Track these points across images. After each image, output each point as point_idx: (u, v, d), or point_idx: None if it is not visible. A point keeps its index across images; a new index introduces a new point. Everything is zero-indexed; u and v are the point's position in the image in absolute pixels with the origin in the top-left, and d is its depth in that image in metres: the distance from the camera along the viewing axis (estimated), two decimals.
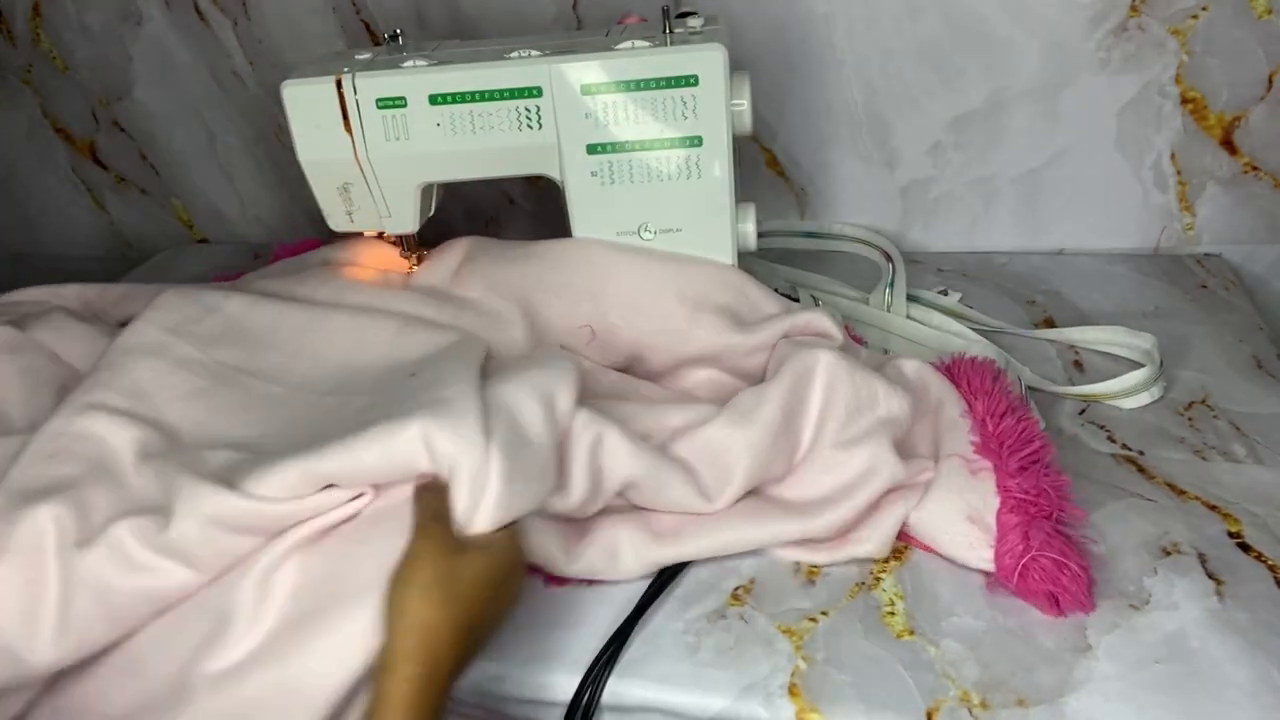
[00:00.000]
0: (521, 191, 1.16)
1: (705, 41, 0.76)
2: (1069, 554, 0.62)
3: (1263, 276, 0.99)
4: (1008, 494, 0.66)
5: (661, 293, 0.81)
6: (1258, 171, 0.94)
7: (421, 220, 0.88)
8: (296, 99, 0.82)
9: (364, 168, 0.83)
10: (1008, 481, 0.66)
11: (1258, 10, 0.87)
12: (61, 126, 1.30)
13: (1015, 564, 0.63)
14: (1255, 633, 0.59)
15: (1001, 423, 0.70)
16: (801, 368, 0.71)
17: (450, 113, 0.80)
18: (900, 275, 0.97)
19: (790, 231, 1.09)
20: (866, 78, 0.99)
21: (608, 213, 0.83)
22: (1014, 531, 0.64)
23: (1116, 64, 0.92)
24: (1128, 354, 0.86)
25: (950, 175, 1.02)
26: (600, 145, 0.80)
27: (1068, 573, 0.62)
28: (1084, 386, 0.82)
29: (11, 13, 1.21)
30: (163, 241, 1.35)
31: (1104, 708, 0.56)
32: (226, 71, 1.17)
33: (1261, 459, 0.73)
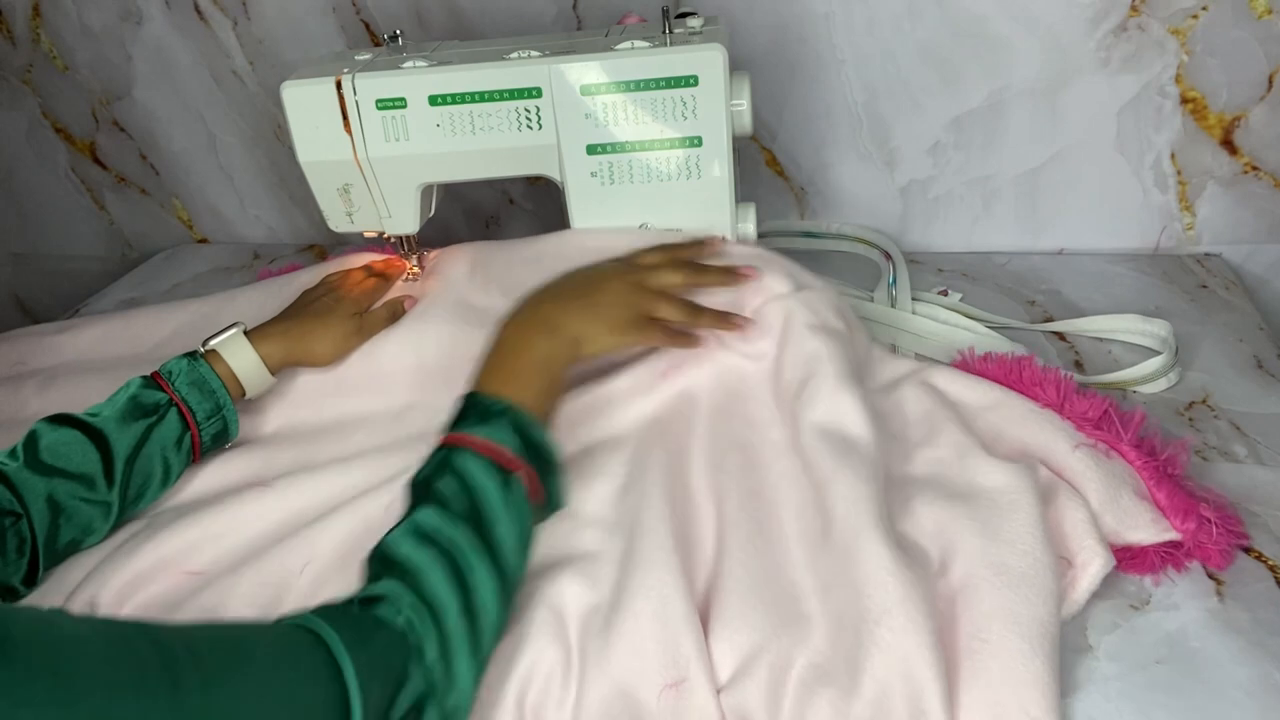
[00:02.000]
0: (521, 191, 1.16)
1: (705, 42, 0.76)
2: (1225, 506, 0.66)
3: (1263, 276, 0.99)
4: (1152, 465, 0.67)
5: None
6: (1258, 171, 0.94)
7: (422, 221, 0.88)
8: (296, 99, 0.81)
9: (364, 168, 0.83)
10: (1142, 455, 0.67)
11: (1258, 10, 0.87)
12: (61, 126, 1.30)
13: (1196, 525, 0.64)
14: (1255, 633, 0.59)
15: (1088, 403, 0.70)
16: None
17: (450, 113, 0.80)
18: (903, 273, 0.97)
19: (790, 231, 1.09)
20: (866, 78, 0.99)
21: (608, 213, 0.83)
22: (1178, 497, 0.65)
23: (1116, 64, 0.92)
24: (1142, 340, 0.86)
25: (950, 175, 1.02)
26: (600, 145, 0.80)
27: (1229, 522, 0.65)
28: (1100, 375, 0.82)
29: (11, 13, 1.21)
30: (163, 241, 1.35)
31: (1104, 708, 0.56)
32: (226, 71, 1.17)
33: (1262, 459, 0.73)
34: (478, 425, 0.61)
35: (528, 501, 0.60)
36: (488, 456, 0.59)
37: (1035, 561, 0.59)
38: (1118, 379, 0.82)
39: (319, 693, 0.45)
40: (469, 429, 0.61)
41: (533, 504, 0.60)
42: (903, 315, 0.92)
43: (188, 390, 0.74)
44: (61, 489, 0.67)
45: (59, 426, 0.69)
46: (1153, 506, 0.65)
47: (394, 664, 0.49)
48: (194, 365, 0.75)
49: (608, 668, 0.58)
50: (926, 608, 0.57)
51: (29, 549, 0.66)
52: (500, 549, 0.57)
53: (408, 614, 0.51)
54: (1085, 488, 0.65)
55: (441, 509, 0.57)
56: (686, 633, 0.58)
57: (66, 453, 0.68)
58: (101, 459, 0.69)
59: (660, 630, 0.58)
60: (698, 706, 0.57)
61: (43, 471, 0.67)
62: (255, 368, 0.78)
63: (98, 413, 0.71)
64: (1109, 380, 0.82)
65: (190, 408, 0.74)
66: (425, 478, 0.59)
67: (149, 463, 0.72)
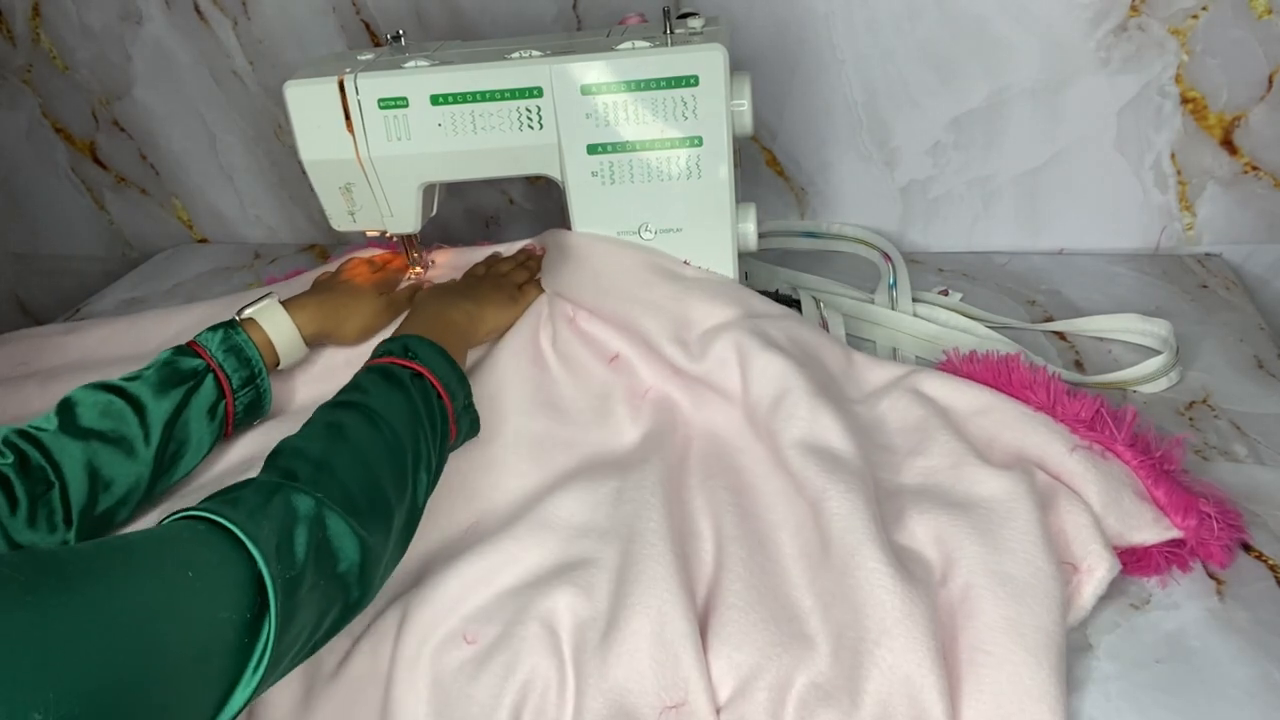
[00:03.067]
0: (521, 191, 1.16)
1: (705, 42, 0.76)
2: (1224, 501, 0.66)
3: (1263, 276, 0.99)
4: (1148, 464, 0.67)
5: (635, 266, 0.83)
6: (1258, 171, 0.94)
7: (424, 220, 0.89)
8: (299, 99, 0.81)
9: (365, 167, 0.83)
10: (1137, 454, 0.67)
11: (1258, 10, 0.87)
12: (61, 126, 1.30)
13: (1197, 522, 0.64)
14: (1255, 632, 0.59)
15: (1079, 405, 0.70)
16: None
17: (451, 113, 0.80)
18: (903, 274, 0.97)
19: (790, 231, 1.09)
20: (866, 78, 0.99)
21: (608, 213, 0.83)
22: (1177, 495, 0.65)
23: (1116, 64, 0.92)
24: (1142, 340, 0.86)
25: (950, 175, 1.02)
26: (601, 145, 0.80)
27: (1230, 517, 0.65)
28: (1101, 375, 0.82)
29: (11, 13, 1.21)
30: (163, 241, 1.35)
31: (1105, 707, 0.56)
32: (226, 71, 1.17)
33: (1262, 459, 0.73)
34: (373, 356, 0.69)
35: (411, 382, 0.65)
36: (381, 363, 0.67)
37: (1037, 570, 0.59)
38: (1118, 379, 0.82)
39: (210, 553, 0.46)
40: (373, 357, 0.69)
41: (443, 402, 0.67)
42: (902, 317, 0.92)
43: (224, 356, 0.75)
44: (101, 455, 0.67)
45: (97, 391, 0.69)
46: (1153, 506, 0.65)
47: (271, 504, 0.51)
48: (230, 333, 0.76)
49: (606, 686, 0.58)
50: (928, 625, 0.56)
51: (62, 520, 0.64)
52: (369, 404, 0.62)
53: (265, 474, 0.55)
54: (1085, 491, 0.65)
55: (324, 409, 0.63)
56: (686, 652, 0.58)
57: (105, 417, 0.68)
58: (140, 424, 0.69)
59: (660, 650, 0.58)
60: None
61: (80, 435, 0.66)
62: (291, 336, 0.79)
63: (135, 377, 0.71)
64: (1109, 380, 0.82)
65: (226, 374, 0.75)
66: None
67: (185, 429, 0.72)
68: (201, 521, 0.48)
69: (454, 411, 0.68)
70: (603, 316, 0.82)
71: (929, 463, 0.69)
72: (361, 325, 0.85)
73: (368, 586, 0.55)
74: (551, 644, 0.60)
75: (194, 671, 0.42)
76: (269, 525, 0.49)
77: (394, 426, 0.61)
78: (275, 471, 0.55)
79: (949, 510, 0.64)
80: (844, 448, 0.68)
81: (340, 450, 0.58)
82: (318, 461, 0.56)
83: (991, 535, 0.61)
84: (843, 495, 0.63)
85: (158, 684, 0.40)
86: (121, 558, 0.42)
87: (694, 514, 0.68)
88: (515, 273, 0.88)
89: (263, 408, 0.78)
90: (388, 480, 0.59)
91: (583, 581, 0.62)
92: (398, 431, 0.61)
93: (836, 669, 0.58)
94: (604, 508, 0.68)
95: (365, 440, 0.60)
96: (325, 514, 0.53)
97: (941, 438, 0.70)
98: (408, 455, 0.61)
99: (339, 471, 0.56)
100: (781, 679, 0.57)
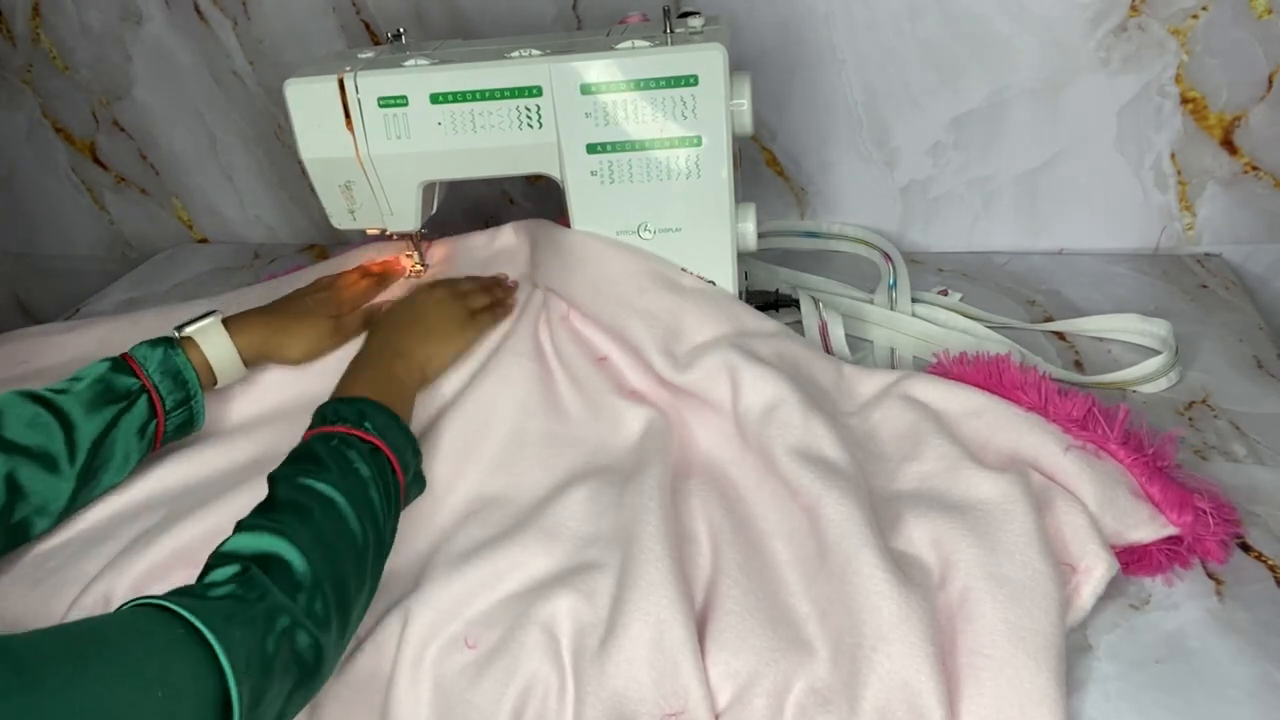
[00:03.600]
0: (521, 190, 1.16)
1: (705, 41, 0.76)
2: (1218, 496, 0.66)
3: (1263, 276, 0.99)
4: (1142, 461, 0.67)
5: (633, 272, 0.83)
6: (1258, 171, 0.94)
7: (424, 218, 0.89)
8: (299, 97, 0.82)
9: (365, 166, 0.84)
10: (1130, 452, 0.67)
11: (1258, 10, 0.87)
12: (61, 126, 1.30)
13: (1193, 518, 0.64)
14: (1255, 632, 0.59)
15: (1071, 404, 0.70)
16: None
17: (451, 111, 0.80)
18: (903, 275, 0.97)
19: (790, 231, 1.09)
20: (866, 78, 0.99)
21: (607, 212, 0.83)
22: (1172, 491, 0.65)
23: (1116, 64, 0.92)
24: (1141, 340, 0.86)
25: (950, 175, 1.02)
26: (600, 145, 0.80)
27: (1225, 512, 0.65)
28: (1100, 375, 0.82)
29: (11, 13, 1.21)
30: (163, 241, 1.35)
31: (1104, 707, 0.56)
32: (226, 71, 1.17)
33: (1261, 459, 0.73)
34: (326, 419, 0.66)
35: (369, 458, 0.63)
36: (335, 432, 0.64)
37: (1035, 572, 0.59)
38: (1118, 379, 0.82)
39: (183, 668, 0.44)
40: (319, 424, 0.66)
41: (397, 477, 0.65)
42: (901, 317, 0.91)
43: (160, 378, 0.73)
44: (22, 469, 0.65)
45: (25, 400, 0.67)
46: (1149, 503, 0.65)
47: (252, 612, 0.49)
48: (169, 354, 0.74)
49: (605, 694, 0.58)
50: (926, 630, 0.56)
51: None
52: (334, 495, 0.59)
53: (232, 567, 0.52)
54: (1081, 491, 0.65)
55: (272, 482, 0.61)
56: (685, 660, 0.58)
57: (32, 432, 0.66)
58: (66, 441, 0.67)
59: (659, 658, 0.58)
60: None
61: (4, 449, 0.65)
62: (231, 359, 0.78)
63: (65, 390, 0.69)
64: (1109, 380, 0.82)
65: (161, 395, 0.73)
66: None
67: (112, 448, 0.70)
68: (177, 620, 0.46)
69: (404, 483, 0.66)
70: (594, 320, 0.82)
71: (923, 467, 0.69)
72: (305, 349, 0.82)
73: (320, 683, 0.54)
74: (552, 650, 0.60)
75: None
76: (244, 637, 0.47)
77: (359, 516, 0.59)
78: (257, 564, 0.53)
79: (946, 514, 0.64)
80: (837, 456, 0.68)
81: (312, 546, 0.55)
82: (296, 566, 0.54)
83: (989, 538, 0.61)
84: (838, 502, 0.63)
85: None
86: (92, 658, 0.41)
87: (688, 518, 0.68)
88: (473, 295, 0.83)
89: (194, 426, 0.77)
90: (349, 577, 0.57)
91: (584, 588, 0.62)
92: (363, 523, 0.59)
93: (835, 675, 0.57)
94: (608, 515, 0.68)
95: (332, 533, 0.58)
96: (300, 629, 0.51)
97: (935, 441, 0.70)
98: (369, 551, 0.60)
99: (314, 574, 0.54)
100: (779, 685, 0.57)
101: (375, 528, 0.60)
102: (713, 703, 0.57)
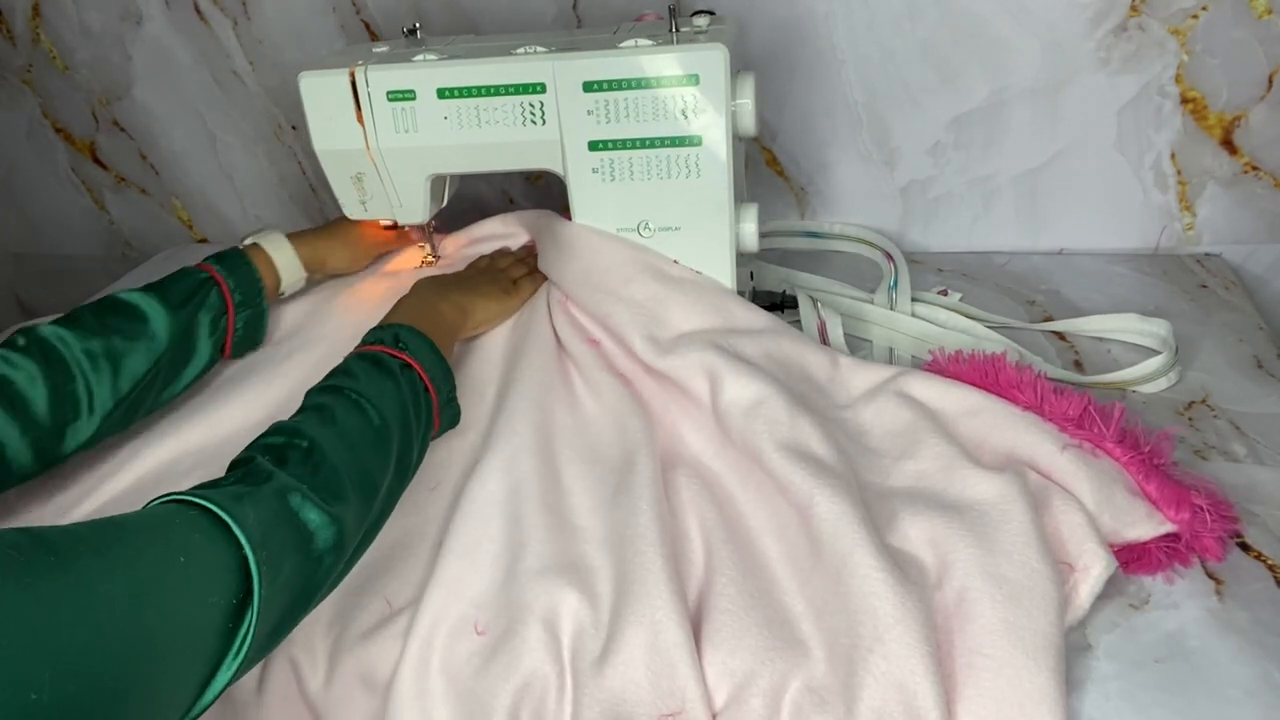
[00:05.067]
0: (521, 190, 1.16)
1: (709, 41, 0.76)
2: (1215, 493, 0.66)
3: (1263, 276, 0.99)
4: (1138, 459, 0.67)
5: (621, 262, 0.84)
6: (1258, 171, 0.94)
7: (433, 211, 0.91)
8: (312, 90, 0.83)
9: (375, 158, 0.85)
10: (1126, 450, 0.67)
11: (1258, 10, 0.87)
12: (61, 126, 1.30)
13: (1190, 515, 0.64)
14: (1255, 632, 0.59)
15: (1067, 403, 0.70)
16: None
17: (457, 106, 0.81)
18: (904, 275, 0.97)
19: (792, 231, 1.09)
20: (866, 78, 0.99)
21: (608, 209, 0.84)
22: (1169, 489, 0.65)
23: (1116, 64, 0.92)
24: (1141, 340, 0.86)
25: (950, 175, 1.02)
26: (602, 142, 0.80)
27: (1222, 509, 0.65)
28: (1100, 375, 0.82)
29: (11, 13, 1.21)
30: (163, 241, 1.35)
31: (1104, 707, 0.56)
32: (226, 71, 1.17)
33: (1261, 459, 0.73)
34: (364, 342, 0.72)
35: (400, 372, 0.67)
36: (369, 351, 0.69)
37: (1033, 571, 0.59)
38: (1118, 379, 0.82)
39: (201, 538, 0.47)
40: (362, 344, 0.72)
41: (429, 395, 0.70)
42: (900, 316, 0.91)
43: (228, 274, 0.83)
44: (120, 348, 0.73)
45: (120, 294, 0.77)
46: (1146, 501, 0.65)
47: (261, 492, 0.52)
48: (235, 255, 0.86)
49: (602, 696, 0.58)
50: (922, 630, 0.56)
51: (86, 410, 0.71)
52: (358, 390, 0.64)
53: (242, 464, 0.56)
54: (1078, 489, 0.65)
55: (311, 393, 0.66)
56: (682, 661, 0.58)
57: (119, 314, 0.75)
58: (151, 326, 0.76)
59: (655, 659, 0.58)
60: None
61: (100, 331, 0.73)
62: (292, 262, 0.89)
63: (148, 287, 0.79)
64: (1108, 380, 0.82)
65: (230, 289, 0.83)
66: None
67: (191, 338, 0.79)
68: (192, 506, 0.49)
69: (438, 404, 0.70)
70: (583, 308, 0.83)
71: (919, 466, 0.69)
72: (350, 256, 0.95)
73: (336, 574, 0.57)
74: (553, 649, 0.60)
75: (183, 652, 0.44)
76: (255, 513, 0.50)
77: (382, 413, 0.63)
78: (268, 455, 0.56)
79: (943, 513, 0.64)
80: (826, 454, 0.68)
81: (329, 436, 0.59)
82: (307, 448, 0.57)
83: (987, 538, 0.61)
84: (830, 500, 0.63)
85: (149, 663, 0.41)
86: (117, 540, 0.43)
87: (680, 514, 0.68)
88: (513, 267, 0.90)
89: (260, 332, 0.86)
90: (372, 465, 0.60)
91: (585, 589, 0.62)
92: (385, 418, 0.63)
93: (831, 675, 0.57)
94: (602, 511, 0.68)
95: (353, 426, 0.61)
96: (309, 503, 0.54)
97: (931, 441, 0.70)
98: (392, 443, 0.63)
99: (328, 457, 0.57)
100: (776, 684, 0.57)
101: (402, 427, 0.64)
102: (710, 702, 0.57)
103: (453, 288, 0.84)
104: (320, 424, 0.60)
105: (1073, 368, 0.85)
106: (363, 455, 0.60)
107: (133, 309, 0.76)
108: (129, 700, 0.40)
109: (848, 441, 0.72)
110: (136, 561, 0.43)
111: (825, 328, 0.88)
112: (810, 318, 0.89)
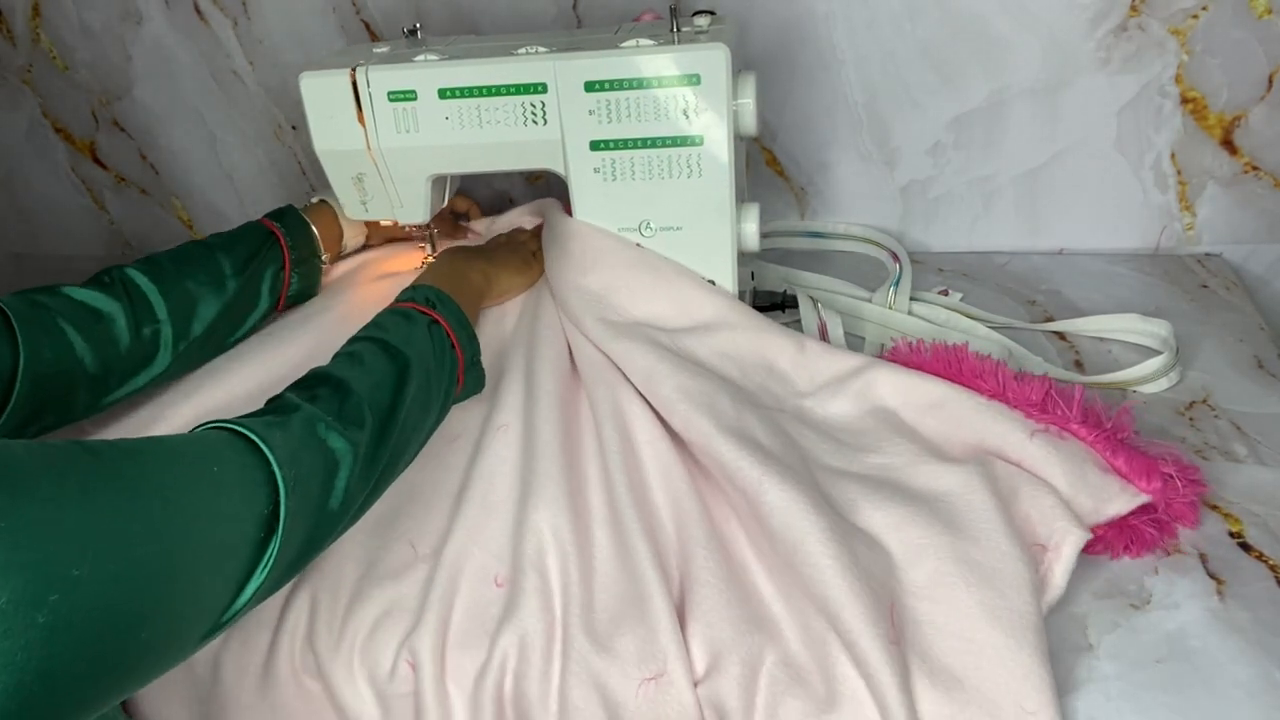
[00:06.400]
0: (521, 191, 1.16)
1: (710, 41, 0.76)
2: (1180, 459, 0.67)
3: (1263, 276, 0.99)
4: (1104, 436, 0.67)
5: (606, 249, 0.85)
6: (1258, 171, 0.94)
7: (433, 211, 0.90)
8: (313, 90, 0.83)
9: (376, 158, 0.85)
10: (1090, 429, 0.68)
11: (1258, 10, 0.87)
12: (61, 126, 1.30)
13: (1162, 483, 0.65)
14: (1256, 632, 0.59)
15: (1028, 388, 0.71)
16: None
17: (458, 107, 0.81)
18: (906, 274, 0.97)
19: (793, 231, 1.09)
20: (866, 78, 0.99)
21: (609, 209, 0.84)
22: (1137, 460, 0.66)
23: (1116, 64, 0.92)
24: (1142, 340, 0.86)
25: (950, 175, 1.02)
26: (603, 142, 0.80)
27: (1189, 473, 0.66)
28: (1101, 375, 0.82)
29: (11, 13, 1.21)
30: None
31: (1105, 707, 0.56)
32: (226, 71, 1.17)
33: (1262, 459, 0.73)
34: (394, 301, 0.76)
35: (429, 328, 0.71)
36: (402, 307, 0.73)
37: (1003, 555, 0.60)
38: (1118, 379, 0.82)
39: (234, 454, 0.52)
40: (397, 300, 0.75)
41: (455, 353, 0.73)
42: (899, 316, 0.91)
43: (288, 231, 0.87)
44: (194, 292, 0.79)
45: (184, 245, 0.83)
46: (1117, 476, 0.66)
47: (290, 421, 0.56)
48: (295, 214, 0.90)
49: (588, 658, 0.59)
50: (872, 614, 0.57)
51: (168, 346, 0.77)
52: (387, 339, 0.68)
53: (292, 393, 0.61)
54: (1051, 474, 0.66)
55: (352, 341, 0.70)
56: (663, 625, 0.59)
57: (189, 263, 0.81)
58: (219, 271, 0.82)
59: (638, 624, 0.60)
60: (676, 699, 0.58)
61: (177, 276, 0.79)
62: (351, 224, 0.95)
63: (217, 236, 0.85)
64: (1109, 380, 0.82)
65: (289, 246, 0.87)
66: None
67: (254, 285, 0.84)
68: (225, 431, 0.53)
69: (464, 363, 0.73)
70: (554, 294, 0.87)
71: (883, 460, 0.70)
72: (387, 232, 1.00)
73: (358, 504, 0.60)
74: (545, 602, 0.62)
75: (216, 557, 0.48)
76: (283, 435, 0.54)
77: (408, 359, 0.67)
78: (301, 392, 0.61)
79: (909, 502, 0.64)
80: (773, 445, 0.68)
81: (356, 375, 0.63)
82: (335, 385, 0.62)
83: (954, 525, 0.62)
84: (778, 487, 0.63)
85: (185, 564, 0.45)
86: (159, 451, 0.48)
87: (651, 489, 0.70)
88: (531, 241, 0.94)
89: (312, 288, 0.91)
90: (395, 400, 0.64)
91: (570, 546, 0.65)
92: (410, 364, 0.67)
93: (804, 654, 0.59)
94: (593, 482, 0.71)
95: (378, 365, 0.65)
96: (334, 432, 0.58)
97: (895, 438, 0.71)
98: (412, 381, 0.66)
99: (353, 391, 0.62)
100: (754, 655, 0.59)
101: (424, 370, 0.67)
102: (691, 668, 0.59)
103: (478, 257, 0.87)
104: (349, 365, 0.65)
105: (1073, 368, 0.85)
106: (385, 389, 0.64)
107: (208, 259, 0.81)
108: (176, 582, 0.44)
109: (806, 429, 0.72)
110: (177, 469, 0.47)
111: (825, 328, 0.88)
112: (810, 318, 0.89)
